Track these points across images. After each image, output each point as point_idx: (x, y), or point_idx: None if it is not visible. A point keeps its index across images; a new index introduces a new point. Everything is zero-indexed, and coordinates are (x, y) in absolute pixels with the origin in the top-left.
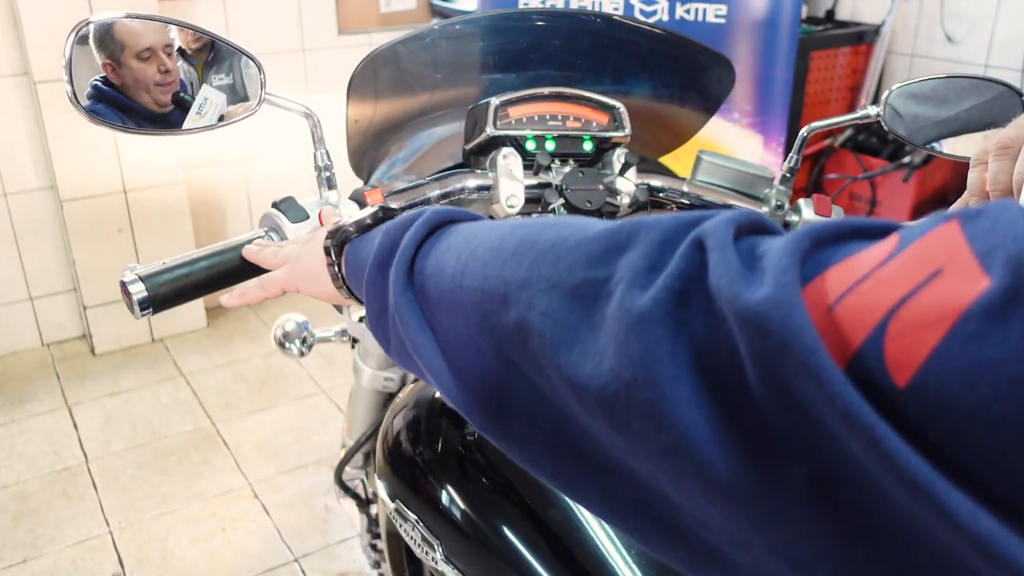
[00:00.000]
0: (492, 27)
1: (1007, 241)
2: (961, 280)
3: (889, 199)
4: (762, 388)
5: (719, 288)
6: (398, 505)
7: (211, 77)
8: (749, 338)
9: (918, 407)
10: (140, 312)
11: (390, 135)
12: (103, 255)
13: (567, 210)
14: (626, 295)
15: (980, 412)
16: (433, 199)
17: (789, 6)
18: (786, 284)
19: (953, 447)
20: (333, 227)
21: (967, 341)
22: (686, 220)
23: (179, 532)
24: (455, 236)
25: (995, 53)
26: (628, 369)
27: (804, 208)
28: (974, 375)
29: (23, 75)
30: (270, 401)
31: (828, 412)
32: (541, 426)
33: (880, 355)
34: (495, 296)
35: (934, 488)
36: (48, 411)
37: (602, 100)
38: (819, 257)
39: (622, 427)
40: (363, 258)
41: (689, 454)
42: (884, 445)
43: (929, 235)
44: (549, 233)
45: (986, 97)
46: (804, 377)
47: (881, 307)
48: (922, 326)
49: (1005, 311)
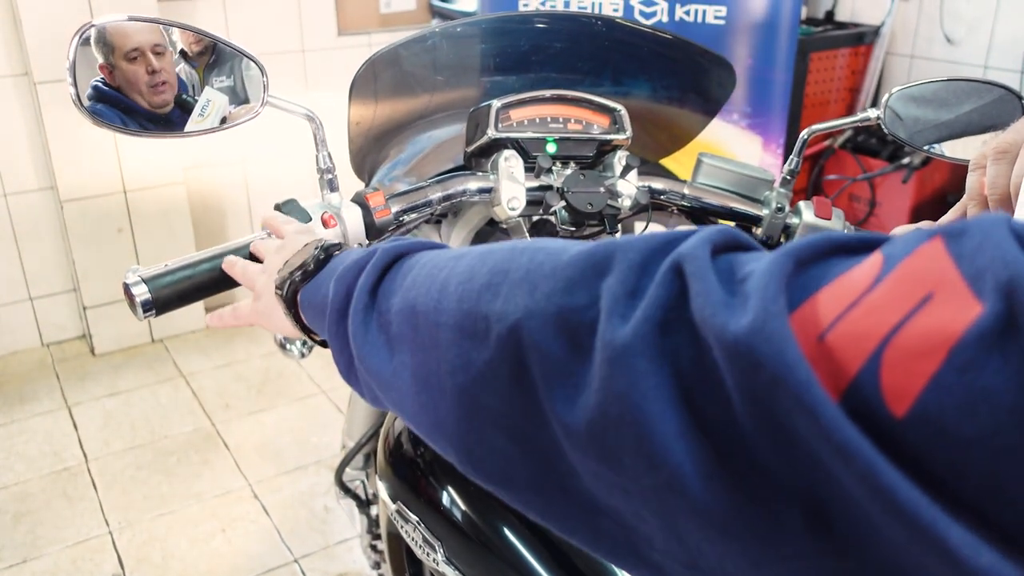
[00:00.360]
0: (493, 29)
1: (996, 264)
2: (953, 306)
3: (888, 200)
4: (752, 423)
5: (703, 319)
6: (399, 506)
7: (213, 79)
8: (738, 372)
9: (917, 438)
10: (143, 314)
11: (391, 137)
12: (103, 255)
13: (568, 213)
14: (607, 326)
15: (980, 442)
16: (435, 201)
17: (789, 7)
18: (774, 315)
19: (953, 479)
20: (279, 278)
21: (963, 370)
22: (662, 240)
23: (179, 533)
24: (418, 268)
25: (994, 54)
26: (614, 405)
27: (804, 210)
28: (973, 404)
29: (23, 75)
30: (270, 402)
31: (823, 447)
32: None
33: (877, 385)
34: (474, 332)
35: (934, 523)
36: (48, 411)
37: (603, 102)
38: (803, 279)
39: (613, 463)
40: (319, 304)
41: (681, 491)
42: (882, 480)
43: (915, 255)
44: (521, 259)
45: (986, 100)
46: (798, 412)
47: (875, 335)
48: (918, 355)
49: (1001, 339)
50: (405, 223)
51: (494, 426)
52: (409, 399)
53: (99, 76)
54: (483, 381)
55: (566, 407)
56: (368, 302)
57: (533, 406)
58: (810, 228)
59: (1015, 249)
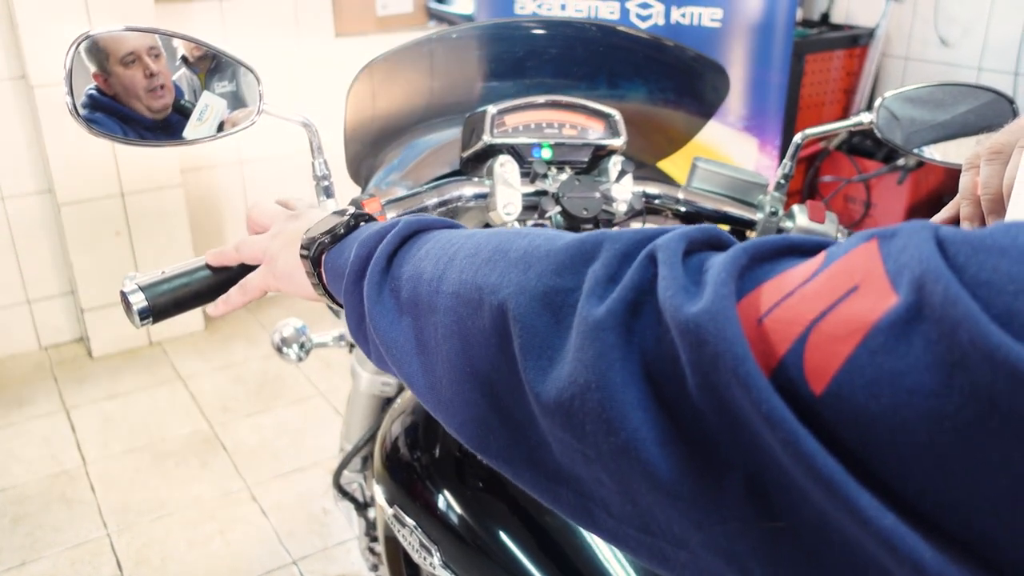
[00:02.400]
0: (489, 35)
1: (913, 261)
2: (873, 297)
3: (883, 201)
4: (700, 395)
5: (664, 300)
6: (396, 510)
7: (214, 84)
8: (688, 348)
9: (832, 414)
10: (140, 322)
11: (388, 142)
12: (100, 258)
13: (564, 218)
14: (585, 305)
15: (884, 419)
16: (430, 207)
17: (784, 10)
18: (722, 297)
19: (863, 451)
20: (306, 238)
21: (874, 353)
22: (647, 234)
23: (177, 535)
24: (433, 243)
25: (988, 56)
26: (583, 373)
27: (798, 214)
28: (879, 385)
29: (20, 79)
30: (268, 404)
31: (755, 417)
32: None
33: (800, 365)
34: (470, 301)
35: (845, 488)
36: (46, 414)
37: (598, 108)
38: (756, 272)
39: (576, 430)
40: (341, 267)
41: (636, 455)
42: (802, 447)
43: (851, 253)
44: (521, 242)
45: (978, 102)
46: (735, 384)
47: (803, 320)
48: (837, 339)
49: (908, 326)
50: None
51: (480, 392)
52: (410, 360)
53: (93, 85)
54: (474, 347)
55: (540, 377)
56: (384, 266)
57: (513, 376)
58: (804, 232)
59: (932, 249)
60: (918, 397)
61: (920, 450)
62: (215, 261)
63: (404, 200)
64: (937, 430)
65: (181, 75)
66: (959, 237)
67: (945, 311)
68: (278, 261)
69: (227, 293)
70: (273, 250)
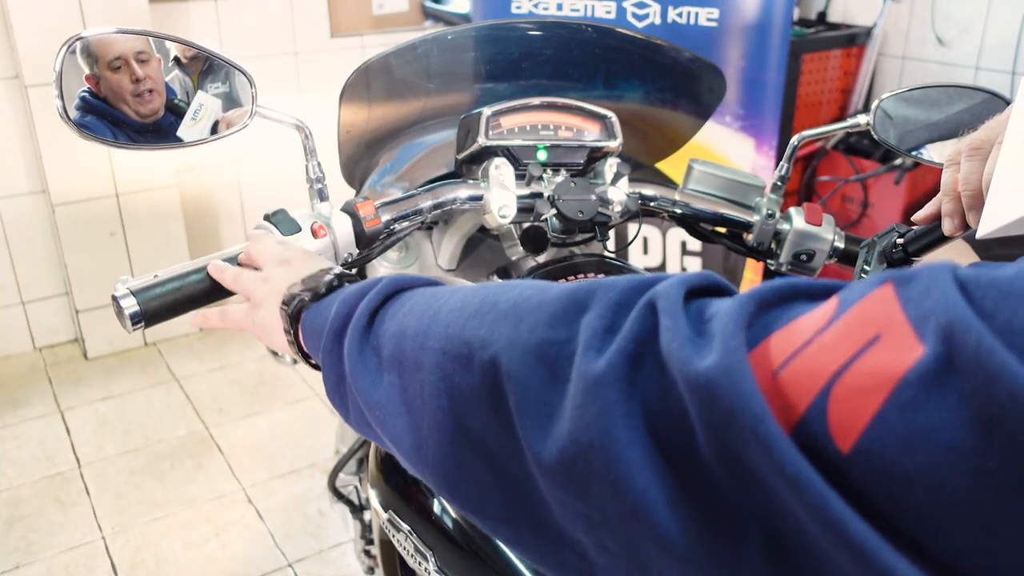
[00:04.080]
0: (484, 37)
1: (938, 308)
2: (897, 347)
3: (881, 201)
4: (712, 453)
5: (670, 353)
6: (391, 515)
7: (207, 85)
8: (699, 404)
9: (861, 473)
10: (132, 326)
11: (383, 144)
12: (95, 259)
13: (559, 220)
14: (583, 359)
15: (919, 478)
16: (425, 210)
17: (781, 9)
18: (733, 350)
19: (895, 513)
20: (287, 294)
21: (904, 409)
22: (642, 281)
23: (172, 537)
24: (417, 298)
25: (986, 55)
26: (585, 432)
27: (795, 216)
28: (912, 442)
29: (14, 79)
30: (263, 405)
31: (776, 478)
32: (497, 494)
33: (824, 421)
34: (458, 356)
35: (880, 554)
36: (40, 416)
37: (594, 110)
38: (764, 320)
39: (581, 491)
40: (320, 326)
41: (646, 518)
42: (830, 511)
43: (866, 299)
44: (511, 293)
45: (974, 102)
46: (753, 443)
47: (824, 372)
48: (863, 392)
49: (939, 380)
50: (396, 232)
51: (473, 452)
52: (394, 421)
53: (86, 87)
54: (464, 405)
55: (539, 436)
56: (366, 323)
57: (508, 435)
58: (800, 234)
59: (956, 294)
60: (956, 455)
61: (961, 510)
62: (215, 275)
63: (399, 203)
64: (979, 489)
65: (174, 76)
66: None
67: (979, 363)
68: (260, 310)
69: (208, 314)
70: (259, 297)
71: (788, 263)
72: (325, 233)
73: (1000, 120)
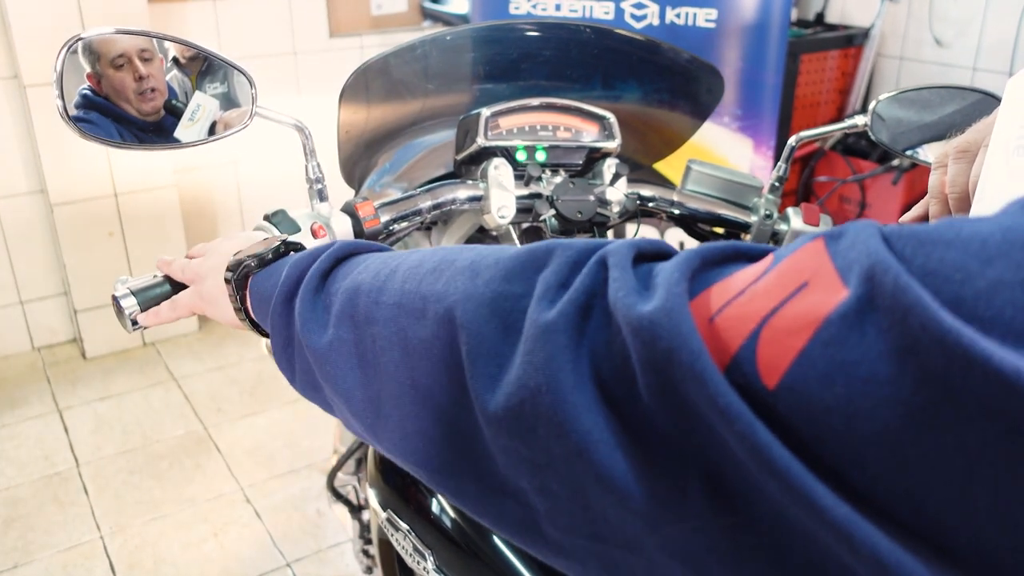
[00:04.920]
0: (483, 38)
1: (862, 256)
2: (823, 291)
3: (878, 201)
4: (653, 394)
5: (616, 301)
6: (389, 515)
7: (206, 85)
8: (641, 345)
9: (786, 407)
10: (132, 327)
11: (382, 144)
12: (94, 259)
13: (558, 221)
14: (535, 309)
15: (838, 410)
16: (424, 210)
17: (779, 10)
18: (676, 296)
19: (817, 443)
20: (233, 260)
21: (827, 346)
22: (596, 243)
23: (171, 537)
24: (372, 259)
25: (983, 56)
26: (533, 376)
27: (793, 217)
28: (832, 376)
29: (12, 78)
30: (262, 405)
31: (711, 412)
32: (444, 447)
33: (753, 360)
34: (412, 310)
35: (800, 479)
36: (39, 415)
37: (592, 110)
38: (706, 275)
39: (527, 435)
40: (268, 290)
41: (589, 458)
42: (757, 439)
43: (798, 252)
44: (469, 253)
45: (968, 102)
46: (690, 380)
47: (755, 317)
48: (789, 333)
49: (860, 317)
50: (395, 232)
51: (421, 405)
52: (345, 376)
53: (87, 84)
54: (415, 358)
55: (487, 386)
56: (318, 284)
57: (458, 387)
58: (798, 234)
59: (879, 243)
60: (872, 385)
61: (875, 438)
62: (164, 269)
63: (398, 203)
64: (891, 417)
65: (172, 76)
66: (904, 231)
67: (896, 299)
68: (206, 282)
69: (157, 307)
70: (203, 270)
71: None
72: (325, 233)
73: (987, 123)
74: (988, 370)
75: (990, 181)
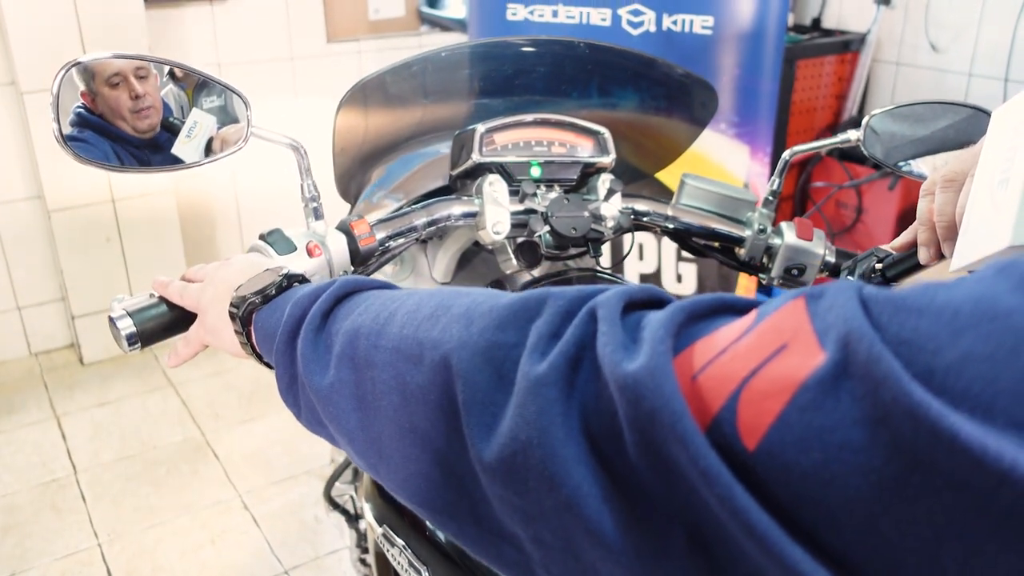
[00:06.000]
0: (478, 55)
1: (839, 320)
2: (801, 355)
3: (875, 207)
4: (638, 451)
5: (603, 356)
6: (385, 530)
7: (202, 99)
8: (626, 404)
9: (765, 469)
10: (128, 347)
11: (378, 159)
12: (91, 264)
13: (553, 237)
14: (527, 360)
15: (814, 475)
16: (419, 227)
17: (775, 16)
18: (660, 354)
19: (795, 506)
20: (237, 297)
21: (804, 410)
22: (590, 291)
23: (168, 544)
24: (372, 300)
25: (979, 62)
26: (524, 429)
27: (786, 231)
28: (809, 441)
29: (10, 85)
30: (259, 411)
31: (692, 473)
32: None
33: (734, 421)
34: (410, 356)
35: (779, 544)
36: (36, 422)
37: (587, 126)
38: (692, 329)
39: (520, 487)
40: (272, 327)
41: (579, 511)
42: (737, 503)
43: (780, 311)
44: (464, 299)
45: (960, 117)
46: (672, 440)
47: (736, 377)
48: (768, 396)
49: (835, 384)
50: (391, 248)
51: (421, 448)
52: (347, 417)
53: (81, 102)
54: (414, 403)
55: (482, 435)
56: (320, 324)
57: (455, 433)
58: (792, 249)
59: (857, 308)
60: (846, 452)
61: (849, 504)
62: (160, 291)
63: (393, 220)
64: (864, 484)
65: (168, 91)
66: (882, 297)
67: (869, 369)
68: (208, 315)
69: (174, 347)
70: (204, 303)
71: (780, 277)
72: (320, 252)
73: (974, 152)
74: (955, 445)
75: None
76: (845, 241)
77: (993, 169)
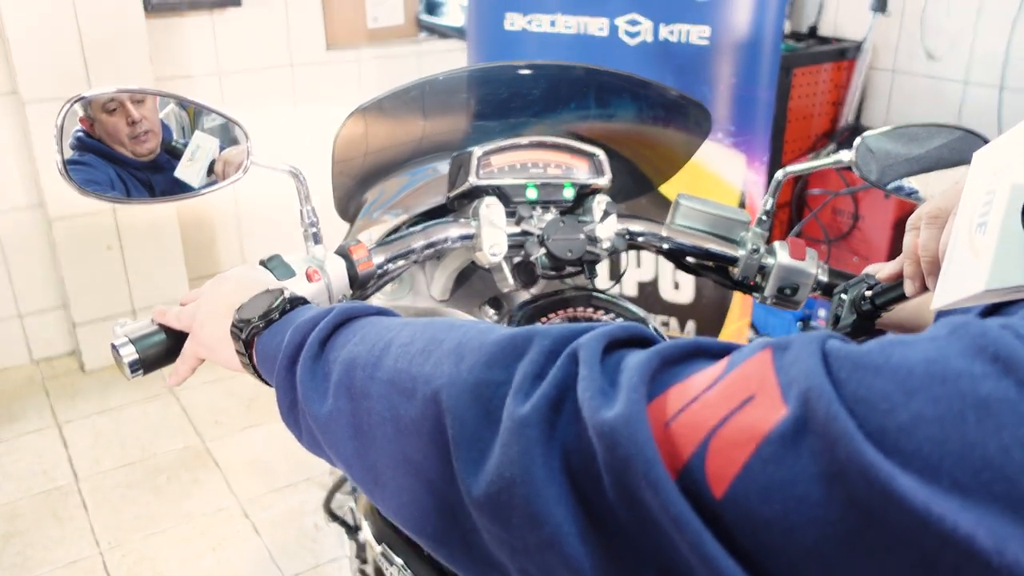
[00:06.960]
0: (475, 79)
1: (801, 376)
2: (766, 407)
3: (871, 214)
4: (614, 494)
5: (583, 401)
6: (384, 549)
7: (203, 120)
8: (603, 449)
9: (731, 518)
10: (131, 374)
11: (376, 180)
12: (92, 272)
13: (548, 260)
14: (512, 401)
15: (776, 524)
16: (417, 250)
17: (772, 26)
18: (634, 402)
19: (760, 553)
20: (239, 319)
21: (766, 462)
22: (574, 330)
23: (169, 552)
24: (368, 328)
25: (974, 69)
26: (509, 468)
27: (779, 251)
28: (771, 492)
29: (11, 94)
30: (260, 418)
31: (663, 518)
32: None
33: (703, 468)
34: (404, 390)
35: None
36: (37, 429)
37: (582, 147)
38: (665, 375)
39: (505, 522)
40: (273, 351)
41: (560, 549)
42: (706, 550)
43: (747, 363)
44: (456, 333)
45: (952, 138)
46: (645, 487)
47: (706, 426)
48: (735, 445)
49: (795, 439)
50: (389, 271)
51: (415, 478)
52: (345, 444)
53: (80, 127)
54: (407, 435)
55: (471, 470)
56: (318, 351)
57: (446, 465)
58: (785, 269)
59: (818, 364)
60: (805, 505)
61: (808, 555)
62: (159, 319)
63: (391, 244)
64: (822, 537)
65: (169, 112)
66: (843, 352)
67: (827, 426)
68: (204, 329)
69: (175, 368)
70: (200, 317)
71: (773, 296)
72: (319, 277)
73: (958, 190)
74: (903, 505)
75: (956, 253)
76: (841, 248)
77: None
